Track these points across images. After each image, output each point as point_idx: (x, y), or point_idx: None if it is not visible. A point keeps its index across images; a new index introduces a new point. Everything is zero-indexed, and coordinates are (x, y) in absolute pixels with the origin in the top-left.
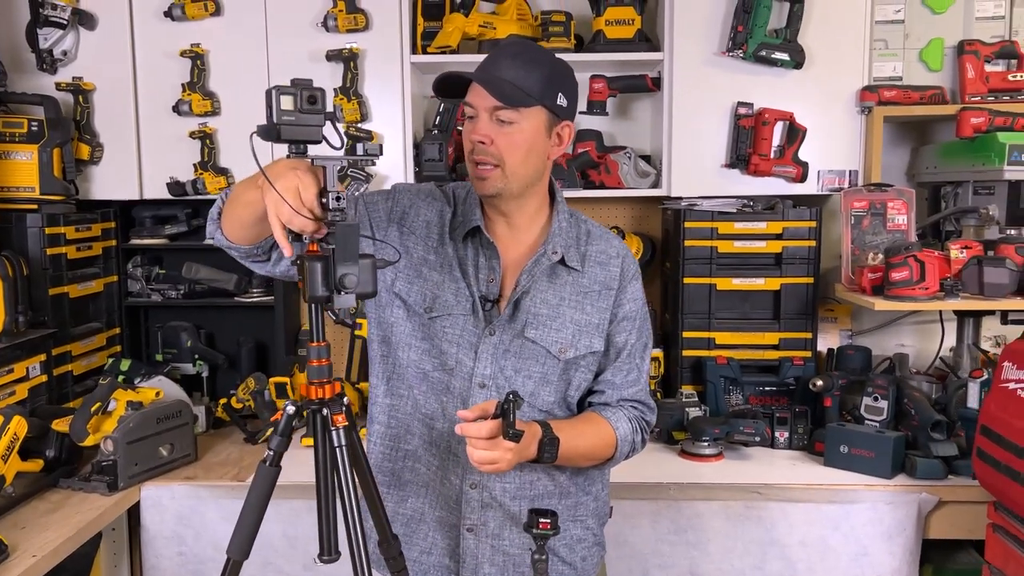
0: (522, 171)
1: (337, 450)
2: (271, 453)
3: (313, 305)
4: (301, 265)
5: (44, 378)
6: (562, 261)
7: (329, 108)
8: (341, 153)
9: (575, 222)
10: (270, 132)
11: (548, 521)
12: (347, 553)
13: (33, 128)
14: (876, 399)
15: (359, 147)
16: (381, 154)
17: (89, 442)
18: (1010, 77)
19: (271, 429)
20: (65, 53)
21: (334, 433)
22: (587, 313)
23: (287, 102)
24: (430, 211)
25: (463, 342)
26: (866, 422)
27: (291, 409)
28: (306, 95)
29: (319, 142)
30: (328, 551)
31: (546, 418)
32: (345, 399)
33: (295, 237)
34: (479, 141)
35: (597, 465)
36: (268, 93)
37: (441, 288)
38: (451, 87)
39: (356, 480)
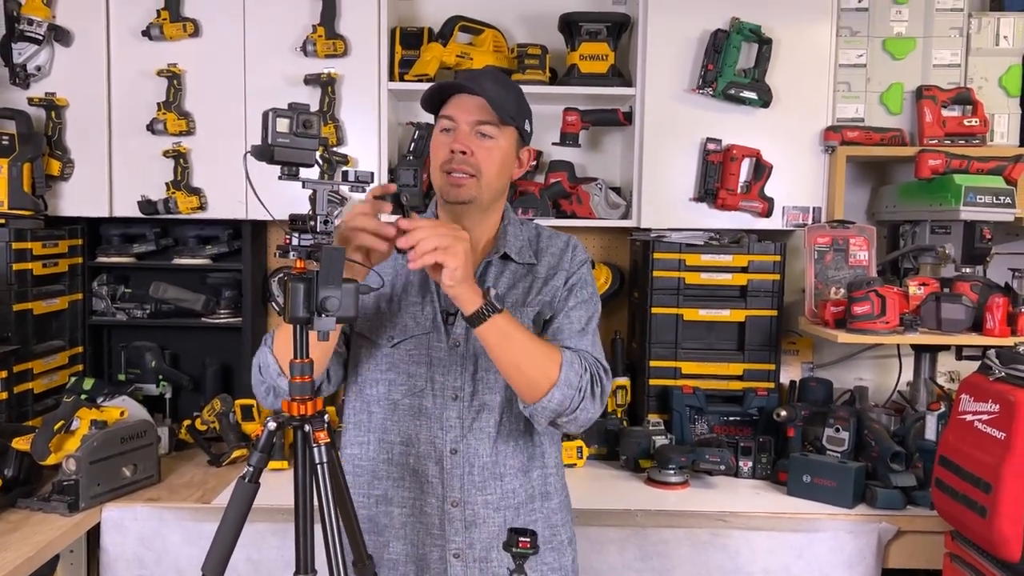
0: (495, 184)
1: (319, 467)
2: (250, 469)
3: (293, 325)
4: (284, 284)
5: (4, 395)
6: (506, 257)
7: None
8: (335, 179)
9: (525, 228)
10: (264, 152)
11: (528, 540)
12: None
13: (3, 142)
14: (838, 430)
15: (350, 172)
16: (372, 181)
17: (51, 461)
18: (966, 122)
19: (236, 451)
20: (39, 68)
21: (315, 450)
22: (541, 294)
23: (283, 124)
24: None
25: (431, 359)
26: (828, 452)
27: (272, 425)
28: (302, 119)
29: (311, 165)
30: (305, 569)
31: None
32: (326, 416)
33: (283, 253)
34: (460, 151)
35: (540, 384)
36: (265, 115)
37: (399, 315)
38: (435, 101)
39: (335, 501)
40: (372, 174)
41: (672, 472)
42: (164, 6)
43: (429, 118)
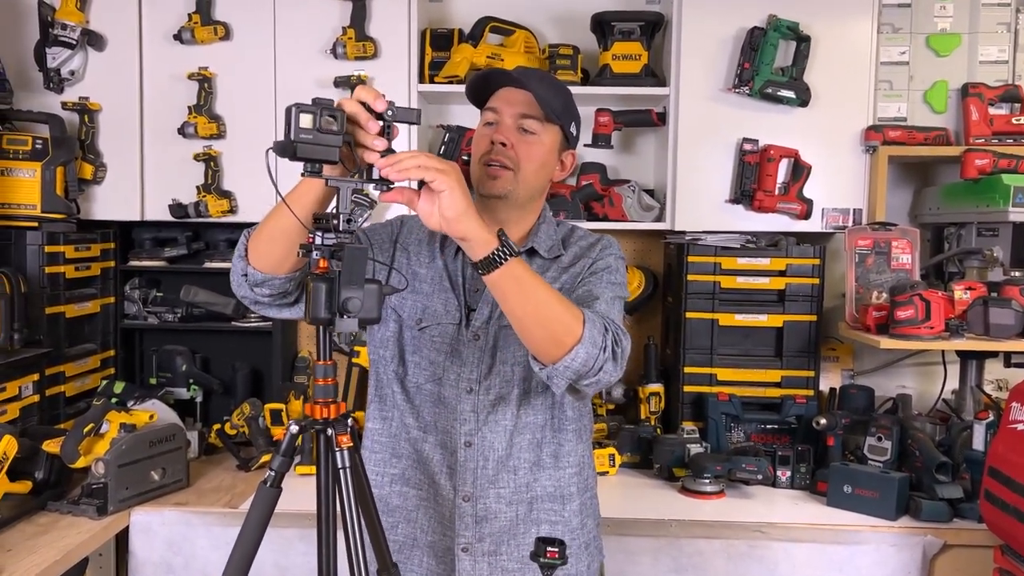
0: (532, 181)
1: (341, 472)
2: (272, 473)
3: (316, 326)
4: (306, 285)
5: (36, 398)
6: (532, 251)
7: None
8: (357, 177)
9: (560, 228)
10: (286, 148)
11: (556, 550)
12: None
13: (37, 146)
14: (880, 439)
15: (375, 171)
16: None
17: (80, 464)
18: (1014, 120)
19: (265, 455)
20: (73, 73)
21: (338, 454)
22: (563, 284)
23: (306, 120)
24: (421, 231)
25: (451, 350)
26: (869, 462)
27: (295, 428)
28: (326, 114)
29: (335, 162)
30: None
31: (543, 403)
32: (350, 420)
33: (306, 252)
34: (501, 142)
35: (563, 341)
36: (288, 110)
37: (431, 299)
38: (480, 93)
39: (359, 504)
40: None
41: (707, 481)
42: (195, 10)
43: (460, 120)
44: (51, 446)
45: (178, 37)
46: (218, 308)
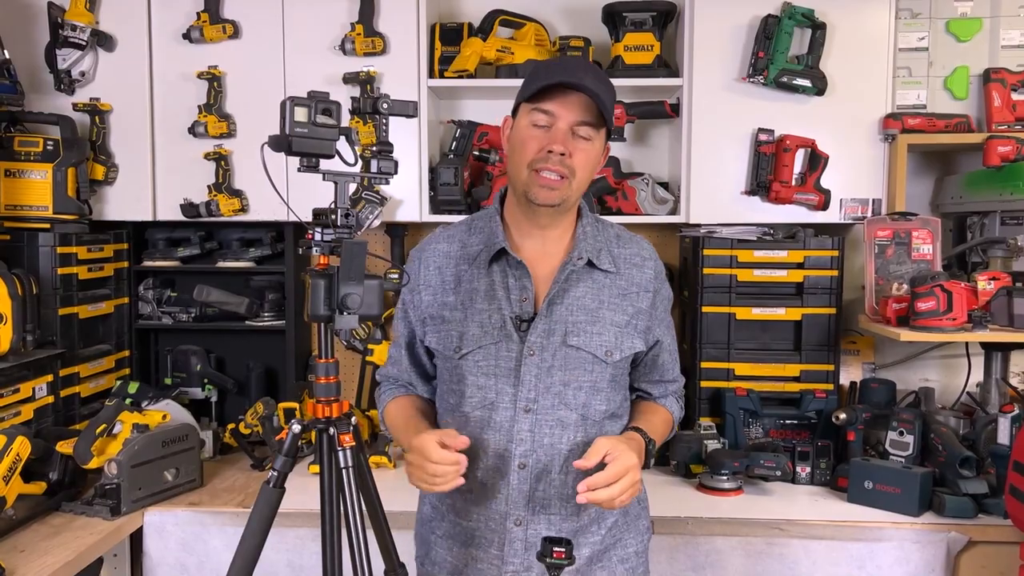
0: (584, 186)
1: (343, 471)
2: (275, 474)
3: (316, 323)
4: (304, 281)
5: (51, 399)
6: (591, 264)
7: (344, 124)
8: (356, 170)
9: (602, 227)
10: (281, 143)
11: (563, 550)
12: None
13: (48, 147)
14: (902, 434)
15: (373, 164)
16: (396, 172)
17: (93, 464)
18: None
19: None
20: (83, 74)
21: (340, 453)
22: (627, 314)
23: (301, 113)
24: (439, 256)
25: (500, 370)
26: (891, 457)
27: (297, 428)
28: (321, 107)
29: (331, 156)
30: None
31: (599, 432)
32: (353, 419)
33: (306, 248)
34: (560, 152)
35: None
36: (283, 104)
37: (465, 324)
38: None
39: (363, 504)
40: (396, 164)
41: (725, 478)
42: (204, 8)
43: (470, 115)
44: (65, 447)
45: (187, 36)
46: (231, 307)
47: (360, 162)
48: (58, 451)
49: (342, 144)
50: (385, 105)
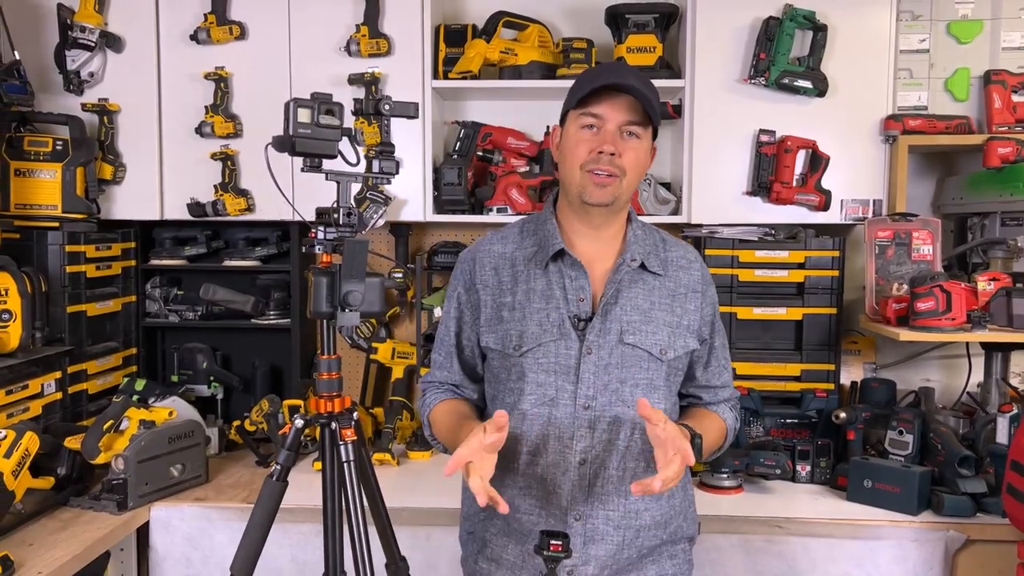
0: (635, 184)
1: (344, 465)
2: (278, 467)
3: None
4: (307, 279)
5: (59, 396)
6: (643, 266)
7: (348, 125)
8: (359, 170)
9: (648, 231)
10: (284, 143)
11: (560, 543)
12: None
13: (57, 147)
14: (901, 433)
15: (375, 164)
16: (397, 172)
17: (100, 460)
18: None
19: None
20: (92, 75)
21: (342, 448)
22: (677, 315)
23: (304, 115)
24: (494, 257)
25: (559, 368)
26: (891, 456)
27: (299, 423)
28: (324, 108)
29: (334, 157)
30: (334, 571)
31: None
32: (355, 414)
33: (309, 247)
34: (610, 152)
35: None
36: (287, 105)
37: (524, 323)
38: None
39: (367, 498)
40: (397, 164)
41: (725, 476)
42: (211, 10)
43: (475, 116)
44: (73, 443)
45: (194, 37)
46: (237, 306)
47: (365, 162)
48: (66, 447)
49: (344, 144)
50: (387, 107)
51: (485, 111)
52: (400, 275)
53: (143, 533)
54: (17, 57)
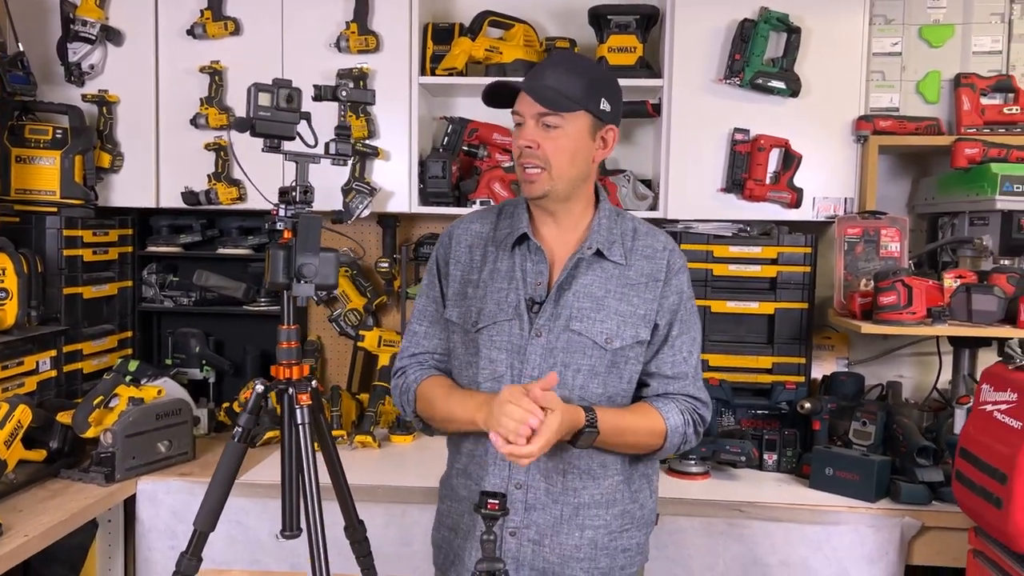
0: (568, 173)
1: (299, 427)
2: (239, 430)
3: (277, 292)
4: (266, 253)
5: (53, 373)
6: (599, 254)
7: (305, 109)
8: (317, 151)
9: (620, 220)
10: (244, 124)
11: (496, 502)
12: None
13: (57, 135)
14: (864, 424)
15: (331, 146)
16: (351, 155)
17: (90, 434)
18: (1006, 110)
19: (270, 432)
20: (92, 67)
21: (298, 411)
22: (632, 304)
23: (264, 98)
24: (470, 235)
25: (511, 347)
26: (854, 446)
27: (260, 387)
28: (283, 93)
29: (292, 138)
30: (290, 527)
31: None
32: (313, 382)
33: (271, 224)
34: (526, 146)
35: (645, 455)
36: (248, 89)
37: (484, 301)
38: (500, 97)
39: (315, 460)
40: (352, 147)
41: (692, 462)
42: (207, 6)
43: (462, 112)
44: (65, 417)
45: (191, 32)
46: (229, 292)
47: (353, 157)
48: (59, 421)
49: (303, 127)
50: (344, 93)
51: (472, 107)
52: (386, 265)
53: (130, 506)
54: (21, 49)
